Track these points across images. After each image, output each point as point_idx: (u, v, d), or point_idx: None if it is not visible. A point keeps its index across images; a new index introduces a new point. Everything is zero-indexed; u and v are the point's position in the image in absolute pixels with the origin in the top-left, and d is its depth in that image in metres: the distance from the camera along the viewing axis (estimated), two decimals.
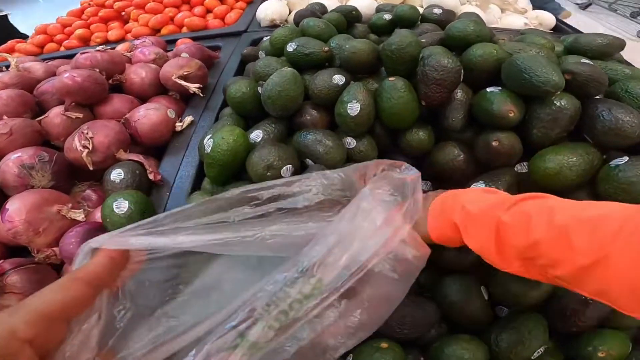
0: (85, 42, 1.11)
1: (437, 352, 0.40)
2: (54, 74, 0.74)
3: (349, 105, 0.48)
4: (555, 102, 0.45)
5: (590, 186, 0.45)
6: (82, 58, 0.67)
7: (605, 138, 0.44)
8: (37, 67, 0.74)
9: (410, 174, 0.26)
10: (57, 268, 0.50)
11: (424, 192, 0.30)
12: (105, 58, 0.68)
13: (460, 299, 0.42)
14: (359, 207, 0.22)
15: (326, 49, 0.57)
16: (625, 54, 0.64)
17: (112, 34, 1.08)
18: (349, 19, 0.75)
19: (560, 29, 1.02)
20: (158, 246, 0.22)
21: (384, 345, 0.38)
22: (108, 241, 0.22)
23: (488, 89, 0.49)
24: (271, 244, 0.22)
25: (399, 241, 0.22)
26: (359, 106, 0.48)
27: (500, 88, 0.48)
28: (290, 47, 0.58)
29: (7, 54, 0.82)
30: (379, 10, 0.85)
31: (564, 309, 0.41)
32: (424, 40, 0.57)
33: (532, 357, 0.39)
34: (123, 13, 1.16)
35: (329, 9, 0.86)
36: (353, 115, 0.48)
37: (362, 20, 0.79)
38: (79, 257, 0.23)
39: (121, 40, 1.07)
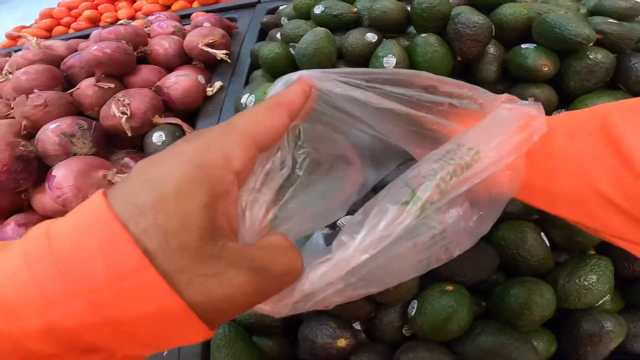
0: (94, 22, 1.10)
1: (502, 295, 0.37)
2: (75, 51, 0.74)
3: (384, 59, 0.49)
4: (590, 56, 0.46)
5: None
6: (105, 32, 0.67)
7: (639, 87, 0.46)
8: (58, 45, 0.74)
9: (534, 105, 0.23)
10: None
11: None
12: (129, 31, 0.67)
13: (519, 245, 0.39)
14: (500, 113, 0.20)
15: (355, 9, 0.57)
16: None
17: (122, 13, 1.07)
18: None
19: None
20: (358, 98, 0.20)
21: (449, 287, 0.36)
22: (320, 76, 0.20)
23: (523, 46, 0.50)
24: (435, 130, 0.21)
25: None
26: (395, 60, 0.48)
27: (535, 45, 0.49)
28: (318, 10, 0.59)
29: (26, 34, 0.81)
30: None
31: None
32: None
33: (597, 305, 0.37)
34: None
35: None
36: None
37: None
38: (276, 86, 0.20)
39: (132, 19, 1.06)
